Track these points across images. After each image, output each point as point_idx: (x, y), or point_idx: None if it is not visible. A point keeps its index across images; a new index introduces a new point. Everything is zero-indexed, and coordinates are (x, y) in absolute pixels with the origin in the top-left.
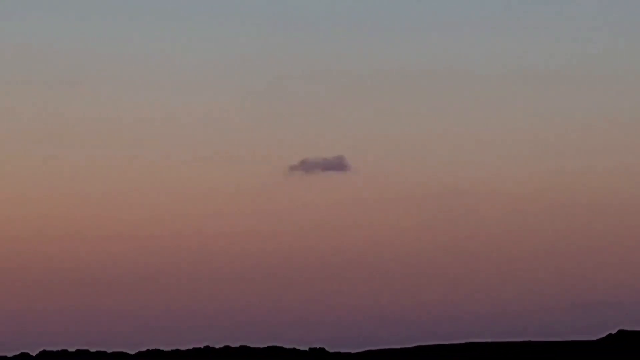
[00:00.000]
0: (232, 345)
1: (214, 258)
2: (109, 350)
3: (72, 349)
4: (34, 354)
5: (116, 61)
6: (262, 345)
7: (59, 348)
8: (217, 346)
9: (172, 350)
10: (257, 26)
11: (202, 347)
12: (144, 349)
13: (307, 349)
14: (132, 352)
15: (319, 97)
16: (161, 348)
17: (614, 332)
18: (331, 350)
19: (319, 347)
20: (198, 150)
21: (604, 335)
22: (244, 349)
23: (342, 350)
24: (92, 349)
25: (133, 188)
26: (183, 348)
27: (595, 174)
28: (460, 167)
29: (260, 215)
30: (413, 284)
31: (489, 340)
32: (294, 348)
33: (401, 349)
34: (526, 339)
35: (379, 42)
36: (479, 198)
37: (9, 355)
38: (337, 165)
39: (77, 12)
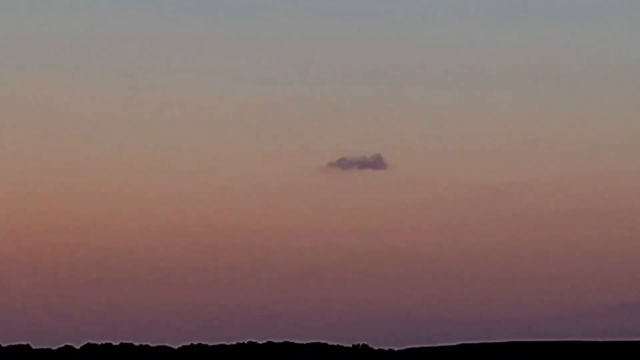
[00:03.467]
0: (275, 341)
1: (253, 254)
2: (153, 344)
3: (116, 343)
4: (78, 347)
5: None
6: (305, 342)
7: (103, 341)
8: (260, 342)
9: (215, 346)
10: (302, 25)
11: (245, 342)
12: (187, 343)
13: (350, 345)
14: (176, 347)
15: (358, 95)
16: (205, 343)
17: None
18: (375, 347)
19: (362, 344)
20: (237, 144)
21: None
22: (287, 345)
23: (385, 347)
24: (136, 343)
25: (175, 179)
26: (227, 343)
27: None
28: (499, 166)
29: (297, 212)
30: (453, 283)
31: (533, 339)
32: (338, 345)
33: (443, 346)
34: (574, 339)
35: (417, 38)
36: (519, 198)
37: (54, 347)
38: (375, 163)
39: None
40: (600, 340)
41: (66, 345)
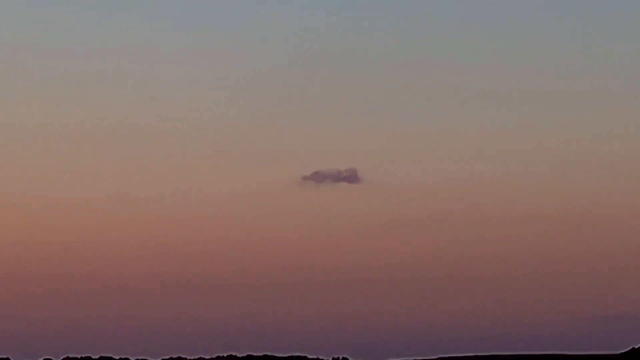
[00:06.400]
0: (255, 354)
1: (229, 268)
2: (133, 358)
3: (95, 356)
4: None
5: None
6: (285, 355)
7: (82, 354)
8: (240, 355)
9: (195, 359)
10: (277, 41)
11: (225, 355)
12: (166, 356)
13: (330, 358)
14: None
15: (333, 110)
16: (184, 356)
17: (637, 346)
18: None
19: (342, 357)
20: (210, 157)
21: (627, 349)
22: (267, 358)
23: None
24: (116, 356)
25: (149, 192)
26: (207, 356)
27: (617, 188)
28: (473, 180)
29: (271, 225)
30: (431, 295)
31: (512, 353)
32: (318, 358)
33: None
34: (550, 352)
35: (392, 54)
36: (492, 211)
37: None
38: (349, 177)
39: (76, 12)
40: (579, 353)
41: (45, 359)
